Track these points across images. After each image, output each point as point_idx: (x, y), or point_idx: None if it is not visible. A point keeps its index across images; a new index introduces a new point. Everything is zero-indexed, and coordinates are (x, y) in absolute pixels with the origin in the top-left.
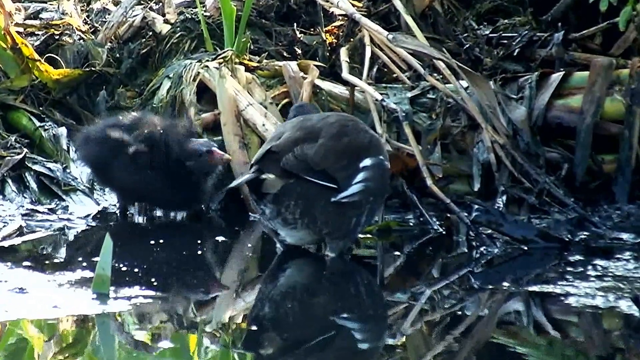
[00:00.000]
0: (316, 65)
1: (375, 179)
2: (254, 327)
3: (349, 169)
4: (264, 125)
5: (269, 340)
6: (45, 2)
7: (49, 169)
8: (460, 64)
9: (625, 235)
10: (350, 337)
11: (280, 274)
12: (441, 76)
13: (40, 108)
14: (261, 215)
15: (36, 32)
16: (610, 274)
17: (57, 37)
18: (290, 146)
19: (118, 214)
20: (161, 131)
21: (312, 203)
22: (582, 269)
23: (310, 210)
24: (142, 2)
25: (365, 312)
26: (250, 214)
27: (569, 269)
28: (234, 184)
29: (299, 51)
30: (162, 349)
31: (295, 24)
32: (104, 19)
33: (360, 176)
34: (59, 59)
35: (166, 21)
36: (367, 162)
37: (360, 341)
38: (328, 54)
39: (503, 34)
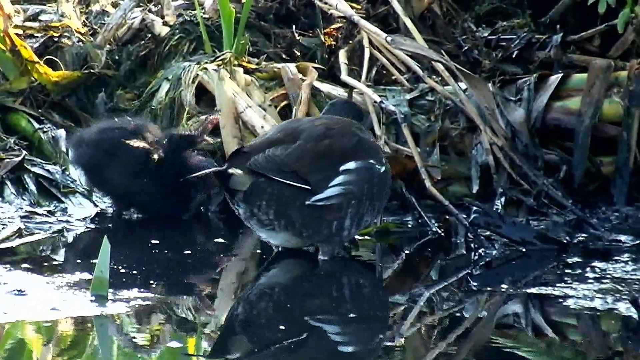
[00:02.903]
0: (315, 67)
1: (359, 183)
2: (248, 329)
3: (325, 171)
4: (262, 127)
5: (265, 342)
6: (45, 4)
7: (48, 171)
8: (458, 66)
9: (623, 237)
10: (348, 338)
11: (278, 276)
12: (440, 78)
13: (39, 110)
14: (238, 216)
15: (35, 34)
16: (608, 276)
17: (56, 39)
18: (264, 147)
19: (115, 217)
20: (170, 142)
21: (286, 205)
22: (581, 271)
23: (285, 212)
24: (141, 4)
25: (363, 313)
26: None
27: (567, 270)
28: (198, 174)
29: (298, 53)
30: (160, 350)
31: (294, 26)
32: (102, 21)
33: (338, 179)
34: (58, 61)
35: (165, 23)
36: (350, 165)
37: (359, 343)
38: (327, 56)
39: (502, 36)
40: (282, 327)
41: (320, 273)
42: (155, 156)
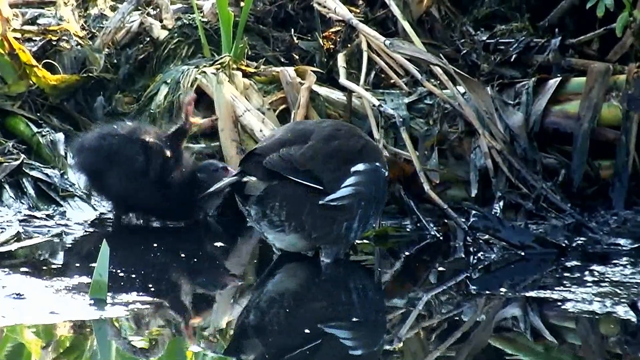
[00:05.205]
0: (313, 71)
1: (368, 185)
2: (249, 333)
3: (337, 172)
4: (261, 131)
5: (264, 346)
6: (43, 8)
7: (47, 174)
8: (457, 70)
9: (622, 241)
10: (347, 343)
11: (277, 280)
12: (438, 82)
13: (38, 114)
14: (248, 217)
15: (34, 38)
16: (607, 280)
17: (54, 42)
18: (276, 147)
19: (114, 221)
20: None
21: (298, 205)
22: (579, 275)
23: (297, 212)
24: (139, 7)
25: (362, 317)
26: (247, 219)
27: (566, 274)
28: (214, 187)
29: (297, 57)
30: (159, 354)
31: (292, 30)
32: (101, 25)
33: (350, 180)
34: (57, 64)
35: (164, 27)
36: (359, 167)
37: (358, 347)
38: (325, 59)
39: (500, 40)
40: (281, 331)
41: (320, 277)
42: (168, 153)
